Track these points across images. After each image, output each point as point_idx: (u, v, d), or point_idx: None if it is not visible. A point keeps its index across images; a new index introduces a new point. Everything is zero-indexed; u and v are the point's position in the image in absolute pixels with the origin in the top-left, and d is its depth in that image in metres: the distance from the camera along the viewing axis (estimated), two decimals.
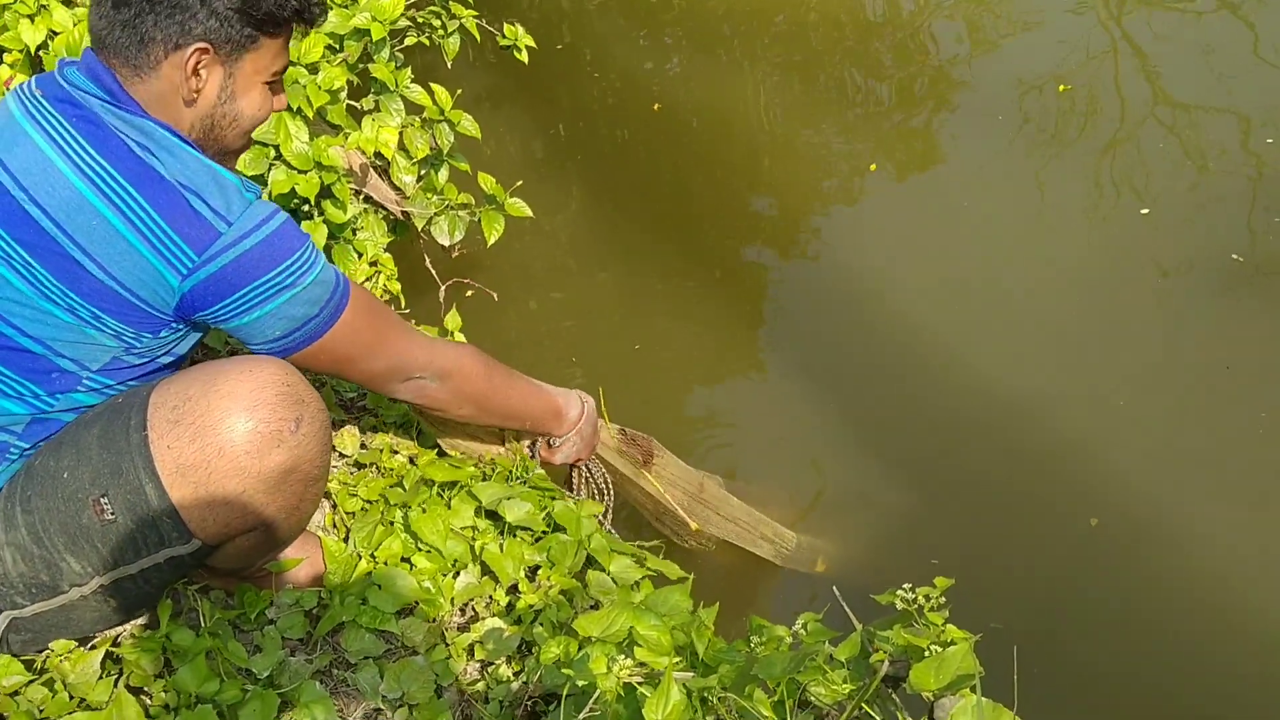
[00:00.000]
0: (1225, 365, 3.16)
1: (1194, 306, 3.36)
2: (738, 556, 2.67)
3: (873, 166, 4.04)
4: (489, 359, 2.06)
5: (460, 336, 2.66)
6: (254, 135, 2.75)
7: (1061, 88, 4.25)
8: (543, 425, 2.20)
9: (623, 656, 1.42)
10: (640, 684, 1.51)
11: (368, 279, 2.82)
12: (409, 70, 3.05)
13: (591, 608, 2.06)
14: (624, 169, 4.24)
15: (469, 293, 3.30)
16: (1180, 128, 4.05)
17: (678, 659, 1.59)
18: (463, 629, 1.99)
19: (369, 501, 2.08)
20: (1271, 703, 2.48)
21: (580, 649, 1.55)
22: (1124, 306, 3.38)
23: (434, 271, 3.24)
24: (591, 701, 1.49)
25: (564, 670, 1.40)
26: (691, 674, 1.56)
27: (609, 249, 3.83)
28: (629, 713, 1.50)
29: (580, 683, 1.41)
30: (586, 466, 2.36)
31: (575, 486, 2.41)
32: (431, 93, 3.03)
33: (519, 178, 3.16)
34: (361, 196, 3.04)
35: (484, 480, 2.08)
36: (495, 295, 3.31)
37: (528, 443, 2.28)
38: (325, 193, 2.83)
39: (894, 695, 1.64)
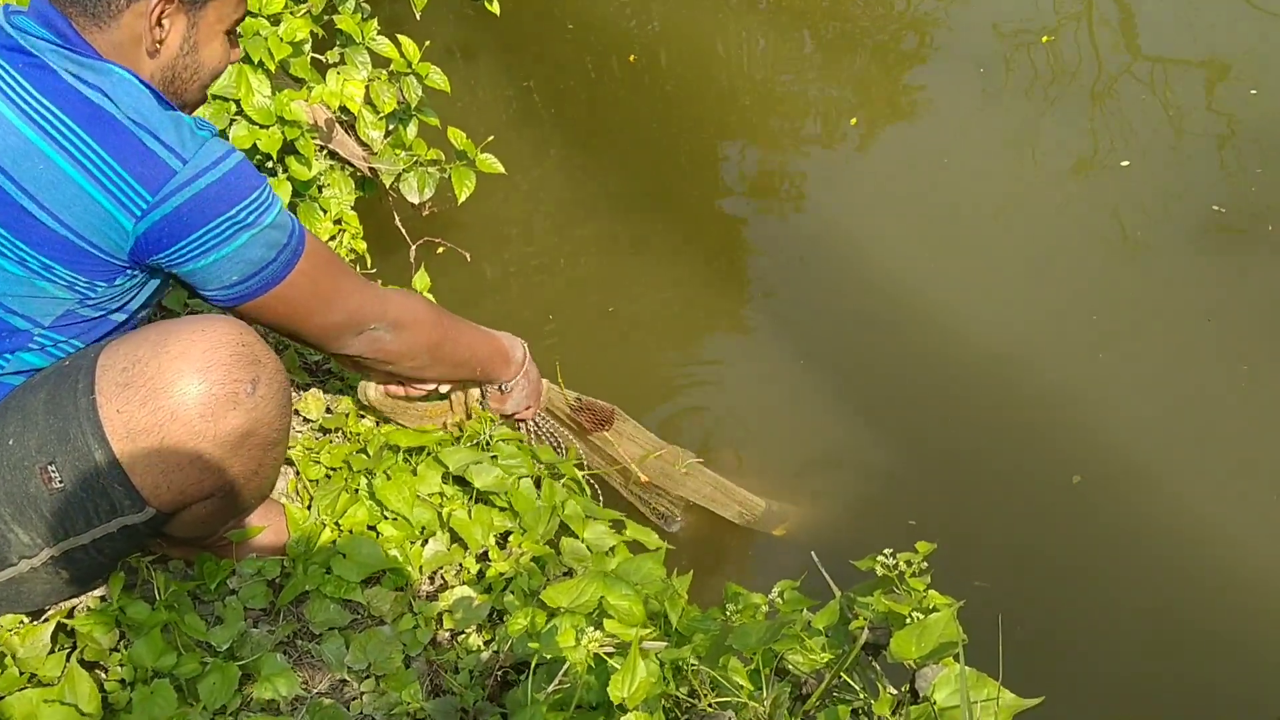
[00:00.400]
0: (1206, 317, 3.12)
1: (1174, 259, 3.33)
2: (708, 522, 2.62)
3: (853, 120, 3.97)
4: (437, 306, 2.04)
5: (430, 298, 2.58)
6: (214, 90, 2.69)
7: (1045, 39, 4.18)
8: (492, 370, 2.16)
9: (591, 628, 1.37)
10: (611, 655, 1.46)
11: (332, 238, 2.74)
12: (375, 22, 2.95)
13: (565, 575, 2.01)
14: (600, 123, 4.15)
15: (440, 249, 3.22)
16: (1162, 79, 4.00)
17: (650, 629, 1.54)
18: (431, 598, 1.93)
19: (332, 468, 2.02)
20: (1255, 654, 2.45)
21: (550, 619, 1.49)
22: (1105, 260, 3.34)
23: (404, 230, 3.16)
24: (561, 673, 1.44)
25: (531, 644, 1.35)
26: (665, 644, 1.50)
27: (585, 205, 3.75)
28: (600, 683, 1.45)
29: (548, 655, 1.36)
30: (535, 422, 2.32)
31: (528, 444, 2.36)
32: (399, 45, 2.93)
33: (492, 133, 3.07)
34: (327, 153, 2.94)
35: (453, 445, 2.01)
36: (468, 255, 3.23)
37: (477, 395, 2.22)
38: (289, 149, 2.74)
39: (875, 664, 1.59)
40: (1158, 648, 2.48)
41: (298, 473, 2.07)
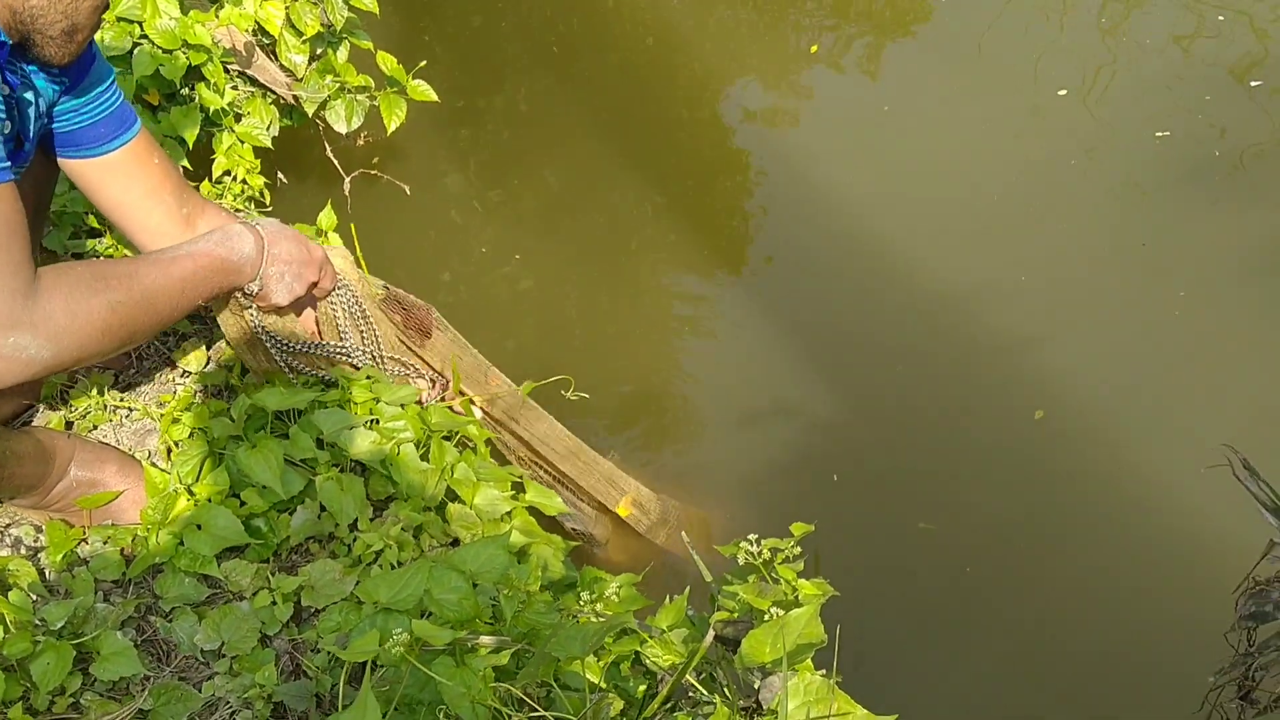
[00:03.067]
0: (1141, 243, 3.05)
1: (1117, 186, 3.22)
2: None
3: (814, 49, 3.75)
4: (91, 267, 1.50)
5: (334, 236, 2.41)
6: (118, 11, 2.51)
7: None
8: (217, 286, 1.67)
9: (400, 631, 1.22)
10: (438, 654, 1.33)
11: (227, 172, 2.57)
12: None
13: (450, 544, 1.87)
14: (558, 47, 3.92)
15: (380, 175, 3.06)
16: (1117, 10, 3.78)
17: (494, 624, 1.40)
18: (292, 571, 1.80)
19: (197, 429, 1.87)
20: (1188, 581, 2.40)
21: (374, 614, 1.35)
22: (1047, 192, 3.23)
23: (336, 161, 2.99)
24: (372, 676, 1.30)
25: (330, 648, 1.21)
26: (501, 640, 1.36)
27: (546, 137, 3.54)
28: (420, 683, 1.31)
29: (350, 661, 1.22)
30: (332, 303, 1.91)
31: (324, 336, 1.93)
32: None
33: (443, 59, 2.90)
34: (247, 79, 2.76)
35: (324, 408, 1.85)
36: (407, 188, 3.06)
37: (237, 307, 1.81)
38: (197, 74, 2.57)
39: (740, 657, 1.45)
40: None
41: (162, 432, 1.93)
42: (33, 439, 1.70)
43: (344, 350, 1.93)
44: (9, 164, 1.36)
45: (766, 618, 1.35)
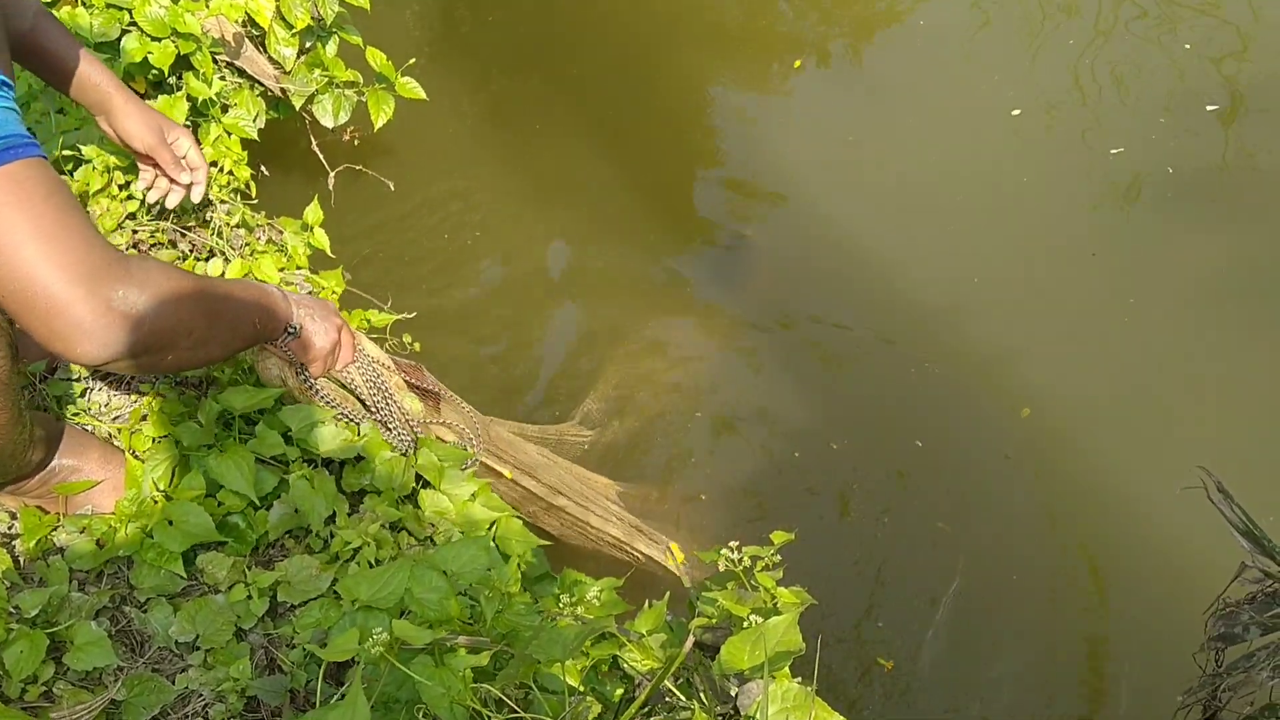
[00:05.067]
0: (1091, 252, 3.14)
1: (1064, 201, 3.31)
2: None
3: (797, 64, 3.77)
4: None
5: (320, 232, 2.41)
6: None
7: None
8: (268, 319, 1.66)
9: (379, 630, 1.22)
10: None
11: (213, 163, 2.55)
12: None
13: (425, 541, 1.87)
14: (546, 47, 3.92)
15: (366, 170, 3.05)
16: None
17: (473, 625, 1.40)
18: (269, 566, 1.79)
19: (161, 436, 1.85)
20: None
21: (353, 611, 1.35)
22: (1007, 204, 3.32)
23: (321, 155, 2.98)
24: (355, 678, 1.30)
25: (308, 646, 1.21)
26: (481, 641, 1.36)
27: (535, 137, 3.54)
28: (399, 682, 1.31)
29: (330, 659, 1.22)
30: (349, 373, 1.89)
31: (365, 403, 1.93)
32: None
33: (433, 54, 2.89)
34: (235, 70, 2.75)
35: (292, 404, 1.84)
36: (391, 184, 3.06)
37: (287, 368, 1.80)
38: (185, 63, 2.56)
39: (718, 663, 1.45)
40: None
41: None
42: (41, 421, 1.70)
43: (382, 421, 1.93)
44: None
45: (745, 625, 1.36)
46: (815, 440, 2.69)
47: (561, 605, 1.48)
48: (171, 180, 2.12)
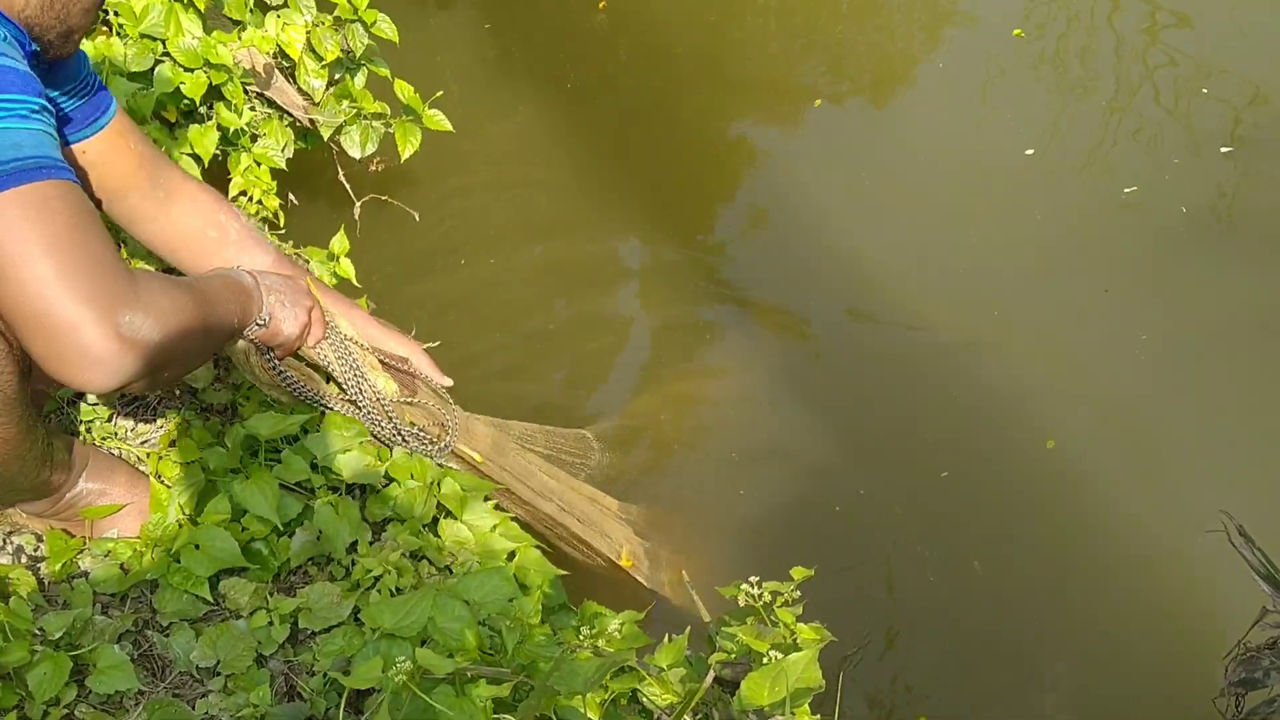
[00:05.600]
0: (1104, 289, 3.16)
1: (1077, 239, 3.33)
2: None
3: (817, 102, 3.81)
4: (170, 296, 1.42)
5: (346, 262, 2.44)
6: (142, 28, 2.55)
7: (1016, 32, 4.01)
8: (242, 310, 1.64)
9: (402, 659, 1.23)
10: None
11: (243, 193, 2.59)
12: None
13: (444, 570, 1.88)
14: (573, 81, 3.96)
15: (391, 200, 3.08)
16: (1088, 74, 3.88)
17: (493, 655, 1.41)
18: (291, 593, 1.80)
19: (188, 462, 1.87)
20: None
21: (376, 639, 1.36)
22: (1024, 243, 3.33)
23: (347, 185, 3.01)
24: (378, 706, 1.31)
25: (331, 673, 1.22)
26: (500, 672, 1.37)
27: (547, 169, 3.58)
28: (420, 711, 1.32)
29: (353, 687, 1.23)
30: (328, 348, 1.84)
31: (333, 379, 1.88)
32: None
33: (461, 86, 2.93)
34: (265, 101, 2.79)
35: (317, 431, 1.86)
36: (416, 214, 3.09)
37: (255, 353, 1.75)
38: (216, 94, 2.60)
39: (738, 699, 1.45)
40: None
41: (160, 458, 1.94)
42: (65, 444, 1.72)
43: (351, 399, 1.90)
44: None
45: (765, 660, 1.37)
46: (837, 474, 2.69)
47: (581, 637, 1.48)
48: None
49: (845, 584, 2.46)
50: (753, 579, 1.50)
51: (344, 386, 1.88)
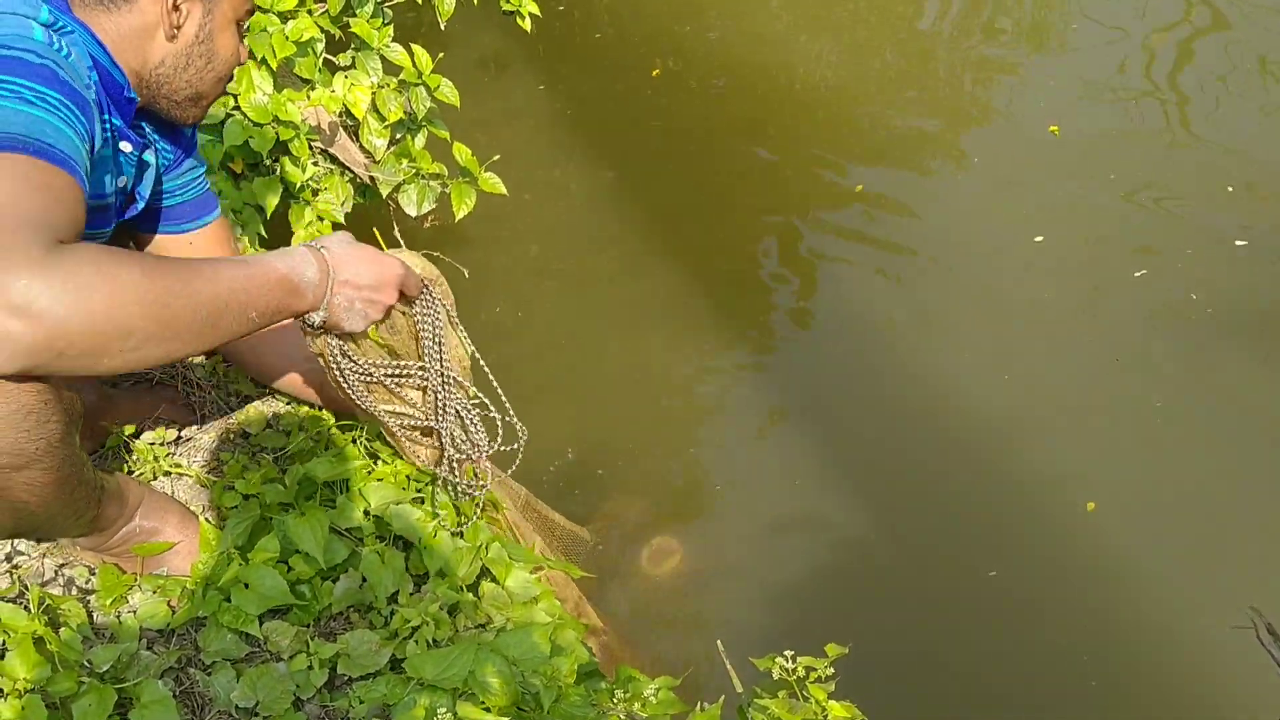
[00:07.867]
0: (1115, 357, 3.29)
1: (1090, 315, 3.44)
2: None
3: (859, 188, 3.90)
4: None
5: None
6: None
7: (1052, 129, 4.11)
8: (275, 304, 1.45)
9: (444, 709, 1.27)
10: None
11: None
12: (390, 28, 2.89)
13: (480, 627, 1.91)
14: (627, 146, 4.06)
15: (443, 257, 3.15)
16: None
17: (529, 712, 1.44)
18: (331, 638, 1.84)
19: (248, 495, 1.93)
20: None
21: (417, 689, 1.40)
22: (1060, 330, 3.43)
23: (402, 240, 3.09)
24: None
25: None
26: None
27: (600, 233, 3.66)
28: None
29: None
30: (421, 309, 1.75)
31: (402, 353, 1.79)
32: (411, 54, 2.88)
33: (517, 149, 3.03)
34: (328, 157, 2.89)
35: (378, 480, 1.92)
36: (466, 271, 3.16)
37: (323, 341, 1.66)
38: (283, 149, 2.69)
39: None
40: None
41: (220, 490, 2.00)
42: (115, 480, 1.77)
43: (413, 372, 1.80)
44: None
45: None
46: (874, 549, 2.72)
47: (615, 700, 1.51)
48: None
49: (879, 659, 2.47)
50: (787, 653, 1.53)
51: (427, 361, 1.78)
